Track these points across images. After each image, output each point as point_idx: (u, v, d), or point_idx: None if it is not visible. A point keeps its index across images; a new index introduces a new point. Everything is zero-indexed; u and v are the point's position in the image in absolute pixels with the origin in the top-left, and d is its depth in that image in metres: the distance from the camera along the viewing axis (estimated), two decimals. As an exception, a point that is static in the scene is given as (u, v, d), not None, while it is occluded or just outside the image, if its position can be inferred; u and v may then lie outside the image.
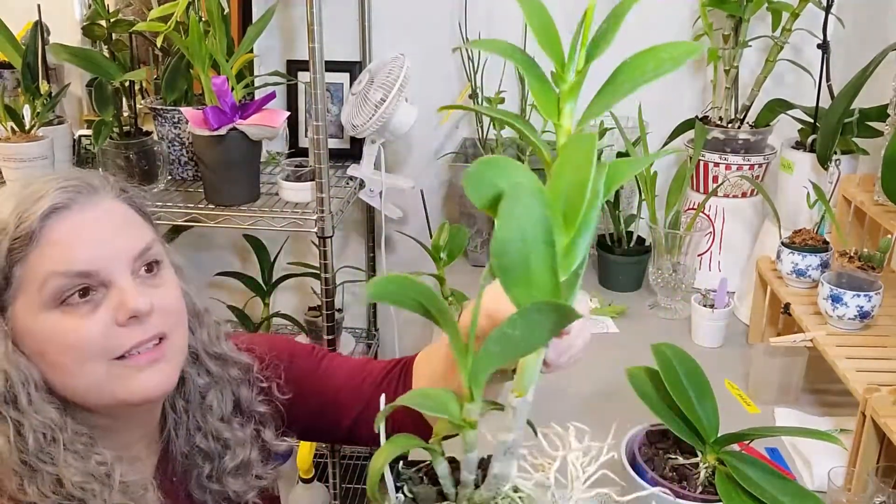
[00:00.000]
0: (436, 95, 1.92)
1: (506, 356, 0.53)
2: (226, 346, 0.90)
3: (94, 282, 0.75)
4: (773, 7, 1.63)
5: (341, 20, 1.88)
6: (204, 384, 0.87)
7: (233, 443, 0.88)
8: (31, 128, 1.64)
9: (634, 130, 1.69)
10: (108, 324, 0.75)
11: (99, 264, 0.75)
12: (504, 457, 0.60)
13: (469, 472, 0.62)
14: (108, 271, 0.75)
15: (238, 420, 0.90)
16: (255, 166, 1.67)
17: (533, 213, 0.49)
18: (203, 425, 0.87)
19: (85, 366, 0.75)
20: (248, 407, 0.91)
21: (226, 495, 0.88)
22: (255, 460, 0.90)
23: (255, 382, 0.92)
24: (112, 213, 0.79)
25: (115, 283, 0.75)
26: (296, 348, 1.00)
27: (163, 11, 1.57)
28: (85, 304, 0.74)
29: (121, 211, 0.80)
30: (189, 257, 2.33)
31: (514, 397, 0.59)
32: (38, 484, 0.73)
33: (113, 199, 0.80)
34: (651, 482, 0.90)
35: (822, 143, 1.46)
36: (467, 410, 0.58)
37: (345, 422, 0.97)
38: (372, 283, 0.54)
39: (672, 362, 0.93)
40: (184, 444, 0.87)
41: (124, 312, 0.75)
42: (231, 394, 0.89)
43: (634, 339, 1.52)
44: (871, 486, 0.98)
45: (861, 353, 1.17)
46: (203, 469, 0.87)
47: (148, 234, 0.81)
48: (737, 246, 1.71)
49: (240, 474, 0.88)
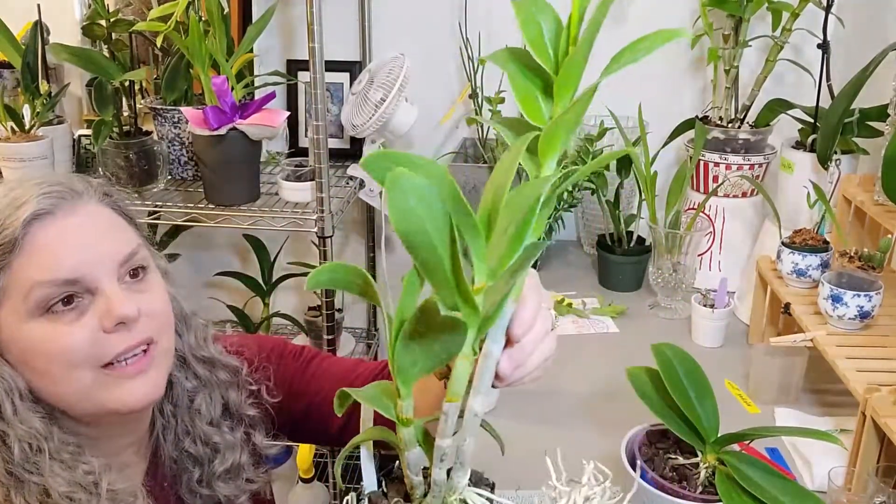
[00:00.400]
0: (436, 95, 1.92)
1: (415, 361, 0.54)
2: (213, 350, 0.90)
3: (80, 289, 0.73)
4: (774, 7, 1.63)
5: (341, 20, 1.88)
6: (192, 388, 0.87)
7: (222, 447, 0.87)
8: (31, 128, 1.64)
9: (635, 130, 1.69)
10: (94, 330, 0.74)
11: (84, 271, 0.73)
12: (441, 463, 0.60)
13: (413, 473, 0.62)
14: (94, 277, 0.74)
15: (227, 423, 0.89)
16: (255, 166, 1.67)
17: (419, 196, 0.49)
18: (192, 429, 0.86)
19: (72, 373, 0.74)
20: (237, 410, 0.90)
21: (216, 500, 0.87)
22: (246, 464, 0.89)
23: (244, 385, 0.91)
24: (96, 217, 0.78)
25: (100, 290, 0.74)
26: (285, 349, 0.99)
27: (163, 11, 1.57)
28: (70, 312, 0.73)
29: (105, 215, 0.79)
30: (189, 257, 2.35)
31: (445, 401, 0.59)
32: (25, 494, 0.72)
33: (96, 203, 0.78)
34: (651, 482, 0.90)
35: (822, 143, 1.46)
36: (400, 407, 0.58)
37: (335, 423, 0.96)
38: (311, 275, 0.57)
39: (672, 362, 0.93)
40: (173, 449, 0.86)
41: (111, 319, 0.73)
42: (220, 397, 0.89)
43: (634, 339, 1.52)
44: (872, 486, 0.98)
45: (861, 353, 1.17)
46: (193, 473, 0.86)
47: (133, 239, 0.80)
48: (737, 246, 1.71)
49: (230, 478, 0.88)
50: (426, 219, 0.49)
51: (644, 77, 1.87)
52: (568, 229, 1.99)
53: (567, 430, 1.24)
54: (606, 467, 0.65)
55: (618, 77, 0.59)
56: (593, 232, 1.90)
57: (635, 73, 1.88)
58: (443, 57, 1.90)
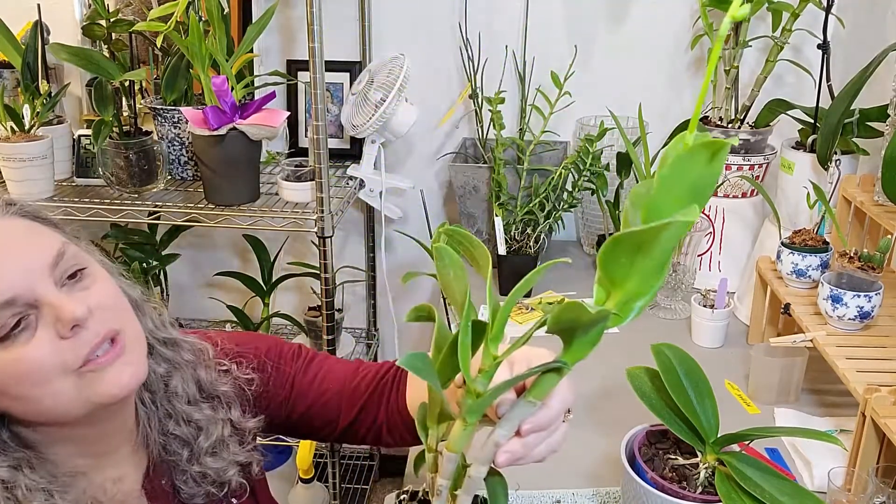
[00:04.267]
0: (436, 95, 1.92)
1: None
2: (173, 331, 0.89)
3: (21, 307, 0.71)
4: (774, 7, 1.63)
5: (341, 20, 1.88)
6: (164, 371, 0.86)
7: (204, 423, 0.87)
8: (31, 127, 1.64)
9: (635, 131, 1.69)
10: (52, 341, 0.72)
11: (16, 288, 0.70)
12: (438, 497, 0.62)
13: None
14: (31, 291, 0.71)
15: (204, 401, 0.89)
16: (255, 166, 1.67)
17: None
18: (173, 412, 0.86)
19: (49, 388, 0.72)
20: (210, 388, 0.90)
21: (208, 475, 0.87)
22: (229, 439, 0.90)
23: (212, 365, 0.91)
24: (9, 231, 0.74)
25: (41, 300, 0.72)
26: (282, 349, 0.99)
27: (163, 11, 1.57)
28: (22, 332, 0.71)
29: (18, 225, 0.76)
30: (189, 257, 2.36)
31: (446, 448, 0.64)
32: None
33: (2, 217, 0.75)
34: (651, 482, 0.90)
35: (822, 144, 1.46)
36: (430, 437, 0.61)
37: (341, 423, 0.97)
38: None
39: (672, 362, 0.93)
40: (159, 436, 0.86)
41: (64, 325, 0.71)
42: (191, 377, 0.89)
43: (634, 339, 1.52)
44: (871, 486, 0.98)
45: (861, 353, 1.17)
46: (182, 455, 0.86)
47: (56, 240, 0.76)
48: (737, 246, 1.71)
49: (216, 452, 0.88)
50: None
51: (644, 77, 1.87)
52: (568, 229, 1.99)
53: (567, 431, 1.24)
54: (606, 467, 0.65)
55: (618, 77, 0.60)
56: (593, 232, 1.90)
57: (636, 74, 1.90)
58: (443, 57, 1.90)
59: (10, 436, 0.76)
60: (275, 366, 0.96)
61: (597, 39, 1.87)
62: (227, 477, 0.88)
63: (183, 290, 2.20)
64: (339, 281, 1.94)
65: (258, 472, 0.94)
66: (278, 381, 0.96)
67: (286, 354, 0.98)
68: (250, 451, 0.92)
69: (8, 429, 0.76)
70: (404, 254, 2.08)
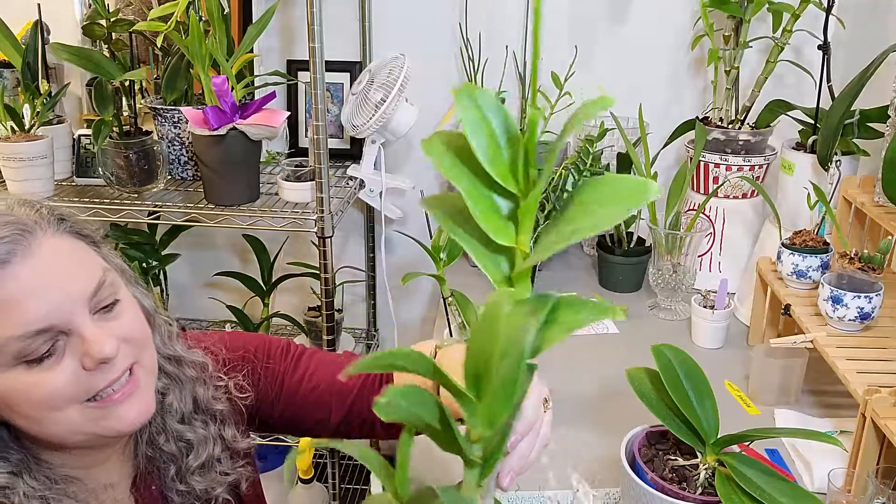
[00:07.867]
0: (436, 95, 1.92)
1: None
2: (179, 346, 0.89)
3: (53, 334, 0.71)
4: (774, 8, 1.62)
5: (341, 20, 1.88)
6: (162, 386, 0.86)
7: (195, 442, 0.87)
8: (31, 127, 1.64)
9: (635, 131, 1.69)
10: (75, 371, 0.72)
11: (55, 318, 0.70)
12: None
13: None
14: (66, 320, 0.71)
15: (198, 419, 0.89)
16: (255, 166, 1.67)
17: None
18: (164, 428, 0.86)
19: (58, 413, 0.72)
20: (206, 405, 0.90)
21: (194, 493, 0.87)
22: (220, 457, 0.89)
23: (210, 382, 0.91)
24: (56, 252, 0.73)
25: (75, 331, 0.72)
26: (270, 347, 0.99)
27: (163, 11, 1.57)
28: (48, 358, 0.71)
29: (65, 247, 0.75)
30: (189, 257, 2.35)
31: None
32: None
33: (53, 234, 0.74)
34: (651, 483, 0.90)
35: (822, 144, 1.46)
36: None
37: (333, 419, 0.97)
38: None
39: (672, 363, 0.93)
40: (147, 448, 0.86)
41: (92, 361, 0.72)
42: (189, 394, 0.88)
43: (634, 340, 1.52)
44: (871, 487, 0.98)
45: (861, 354, 1.17)
46: (169, 470, 0.86)
47: (97, 266, 0.76)
48: (737, 247, 1.71)
49: (204, 472, 0.88)
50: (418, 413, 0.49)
51: (644, 78, 1.87)
52: (568, 230, 1.99)
53: (567, 431, 1.24)
54: (606, 468, 0.65)
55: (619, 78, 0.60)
56: (593, 232, 1.90)
57: (636, 74, 1.90)
58: (443, 57, 1.90)
59: (12, 438, 0.76)
60: (263, 365, 0.96)
61: (597, 40, 1.87)
62: (214, 495, 0.88)
63: (183, 290, 2.20)
64: (339, 281, 1.94)
65: (247, 489, 0.94)
66: (267, 380, 0.96)
67: (275, 352, 0.98)
68: (240, 468, 0.91)
69: (10, 434, 0.76)
70: (404, 254, 2.08)
